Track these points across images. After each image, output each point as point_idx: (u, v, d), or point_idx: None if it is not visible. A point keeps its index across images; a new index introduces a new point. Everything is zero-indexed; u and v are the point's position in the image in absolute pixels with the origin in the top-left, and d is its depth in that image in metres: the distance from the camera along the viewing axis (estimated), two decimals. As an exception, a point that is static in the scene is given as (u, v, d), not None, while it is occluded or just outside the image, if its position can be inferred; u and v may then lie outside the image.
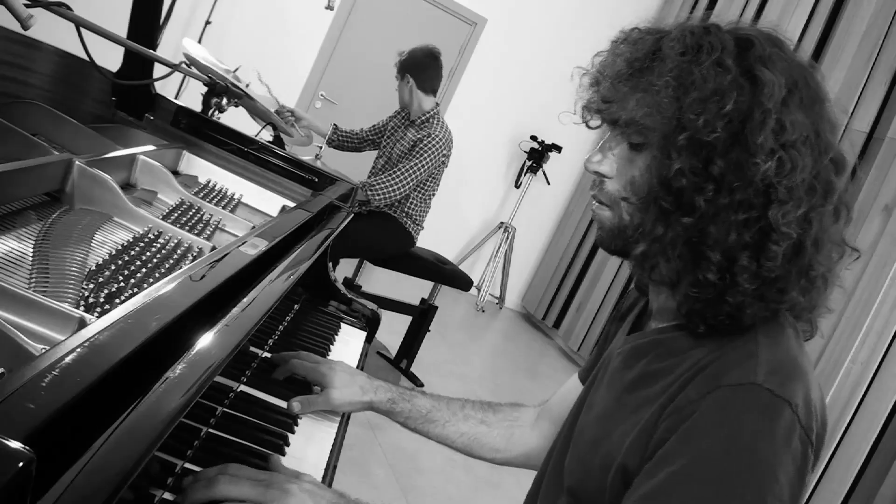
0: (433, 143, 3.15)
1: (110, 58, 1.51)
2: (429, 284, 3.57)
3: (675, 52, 0.74)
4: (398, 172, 3.11)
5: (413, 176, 3.12)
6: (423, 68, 3.22)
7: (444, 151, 3.22)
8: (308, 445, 0.98)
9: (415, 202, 3.30)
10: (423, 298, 3.54)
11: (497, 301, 5.78)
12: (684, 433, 0.67)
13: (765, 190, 0.70)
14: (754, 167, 0.69)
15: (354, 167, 4.28)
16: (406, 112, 3.37)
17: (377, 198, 3.08)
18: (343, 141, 3.57)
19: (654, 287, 0.84)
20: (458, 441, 1.12)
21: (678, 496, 0.64)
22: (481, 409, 1.14)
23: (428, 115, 3.26)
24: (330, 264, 1.59)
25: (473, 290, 4.95)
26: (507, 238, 5.58)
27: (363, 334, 1.54)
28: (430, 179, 3.29)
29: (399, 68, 3.27)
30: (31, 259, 0.82)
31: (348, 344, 1.45)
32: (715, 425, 0.66)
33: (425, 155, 3.13)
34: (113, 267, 0.86)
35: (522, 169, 5.55)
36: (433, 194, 3.37)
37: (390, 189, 3.09)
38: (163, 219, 1.11)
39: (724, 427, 0.65)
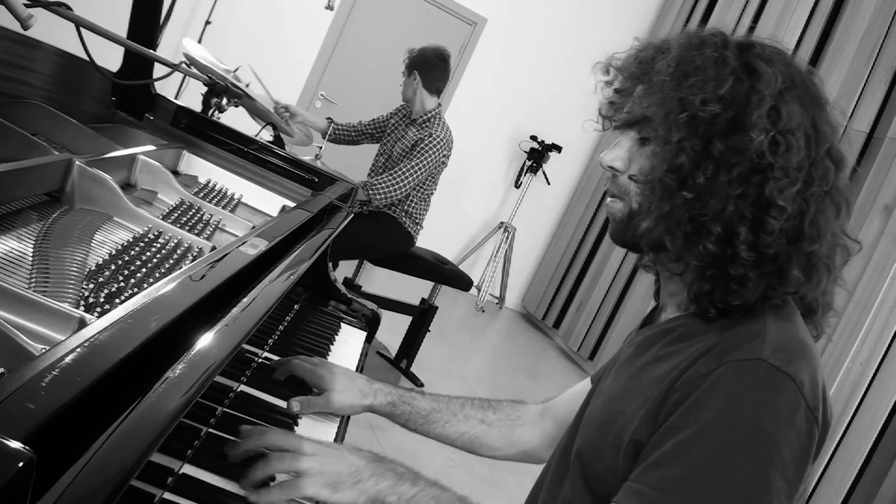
0: (434, 143, 3.15)
1: (110, 58, 1.51)
2: (429, 284, 3.57)
3: (680, 46, 0.80)
4: (398, 172, 3.11)
5: (413, 176, 3.13)
6: (430, 67, 3.25)
7: (445, 152, 3.23)
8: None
9: (414, 201, 3.30)
10: (423, 298, 3.54)
11: (497, 301, 5.78)
12: (691, 405, 0.70)
13: (759, 165, 0.74)
14: (748, 142, 0.74)
15: (354, 166, 4.28)
16: (408, 110, 3.38)
17: (377, 197, 3.09)
18: (340, 134, 3.56)
19: (665, 279, 0.89)
20: (459, 440, 1.13)
21: (682, 463, 0.67)
22: (481, 409, 1.15)
23: (430, 115, 3.27)
24: (330, 264, 1.59)
25: (473, 290, 4.94)
26: (507, 238, 5.58)
27: (363, 334, 1.54)
28: (429, 179, 3.29)
29: (407, 64, 3.29)
30: (31, 259, 0.82)
31: (348, 344, 1.45)
32: (720, 398, 0.69)
33: (426, 155, 3.14)
34: (113, 267, 0.86)
35: (522, 169, 5.55)
36: (432, 193, 3.38)
37: (390, 189, 3.09)
38: (163, 219, 1.11)
39: (728, 399, 0.68)
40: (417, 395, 1.13)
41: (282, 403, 1.03)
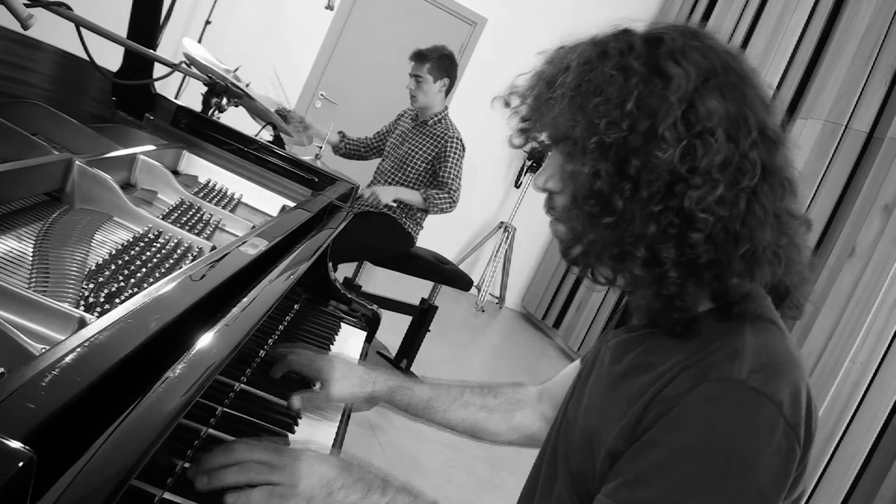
0: (456, 143, 3.27)
1: (110, 58, 1.51)
2: (429, 284, 3.57)
3: (580, 63, 0.76)
4: (446, 184, 3.22)
5: (458, 179, 3.26)
6: (453, 73, 3.36)
7: (463, 152, 3.37)
8: (308, 445, 0.98)
9: (414, 201, 3.32)
10: (423, 298, 3.54)
11: (497, 301, 5.78)
12: (668, 423, 0.69)
13: (674, 179, 0.70)
14: (657, 159, 0.70)
15: (355, 167, 4.27)
16: (415, 112, 3.39)
17: (433, 211, 3.23)
18: (351, 150, 3.64)
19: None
20: (460, 426, 1.13)
21: (658, 485, 0.67)
22: (481, 394, 1.14)
23: (440, 116, 3.33)
24: (330, 264, 1.59)
25: (473, 290, 4.94)
26: (507, 238, 5.58)
27: (363, 334, 1.54)
28: (431, 179, 3.32)
29: (437, 66, 3.26)
30: (31, 259, 0.82)
31: (348, 344, 1.45)
32: (697, 418, 0.68)
33: (456, 156, 3.26)
34: (113, 267, 0.86)
35: (522, 169, 5.55)
36: (433, 193, 3.40)
37: (446, 202, 3.21)
38: (163, 219, 1.11)
39: (705, 420, 0.67)
40: (417, 382, 1.13)
41: (282, 402, 1.03)
